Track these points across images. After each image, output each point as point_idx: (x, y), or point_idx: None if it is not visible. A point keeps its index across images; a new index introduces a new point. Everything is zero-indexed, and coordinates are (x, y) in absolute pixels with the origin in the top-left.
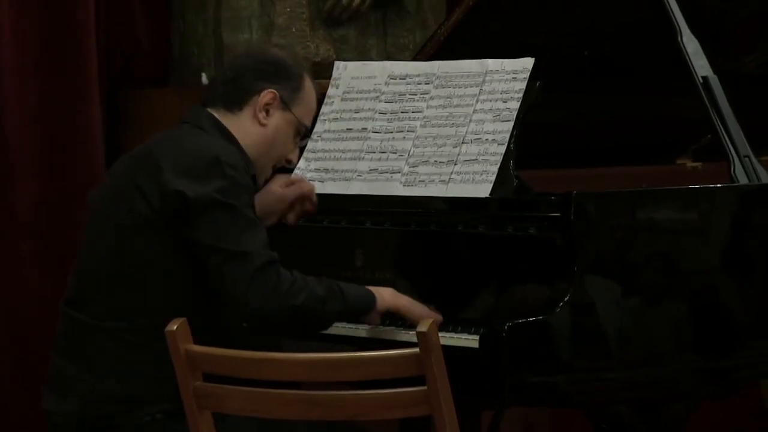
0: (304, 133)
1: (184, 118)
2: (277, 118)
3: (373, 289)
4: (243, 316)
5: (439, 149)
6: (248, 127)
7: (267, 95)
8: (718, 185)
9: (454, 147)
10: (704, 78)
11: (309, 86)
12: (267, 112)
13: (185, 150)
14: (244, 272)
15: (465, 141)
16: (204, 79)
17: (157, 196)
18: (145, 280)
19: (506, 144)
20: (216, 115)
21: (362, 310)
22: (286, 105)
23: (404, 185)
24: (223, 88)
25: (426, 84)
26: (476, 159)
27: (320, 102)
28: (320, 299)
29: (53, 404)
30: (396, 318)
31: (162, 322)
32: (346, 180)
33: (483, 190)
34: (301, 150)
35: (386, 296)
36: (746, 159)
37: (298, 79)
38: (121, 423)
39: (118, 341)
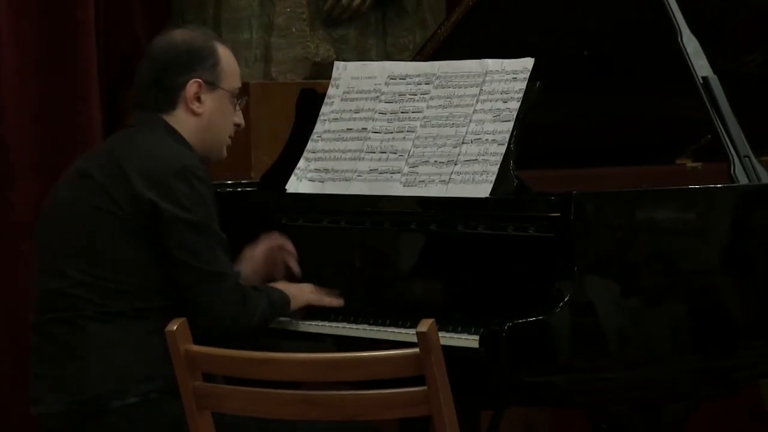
0: (240, 94)
1: (133, 121)
2: (210, 101)
3: (284, 289)
4: (213, 331)
5: (439, 149)
6: (188, 121)
7: (192, 86)
8: (718, 185)
9: (454, 147)
10: (704, 78)
11: (225, 54)
12: (198, 100)
13: (148, 156)
14: (218, 292)
15: (465, 141)
16: None
17: (126, 201)
18: (119, 264)
19: (506, 144)
20: (161, 117)
21: (285, 310)
22: (212, 85)
23: (404, 185)
24: (150, 91)
25: (426, 84)
26: (476, 159)
27: (320, 102)
28: (263, 315)
29: (42, 406)
30: (396, 318)
31: (144, 302)
32: (346, 180)
33: (483, 190)
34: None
35: (295, 293)
36: (746, 159)
37: (213, 54)
38: (113, 405)
39: (101, 326)
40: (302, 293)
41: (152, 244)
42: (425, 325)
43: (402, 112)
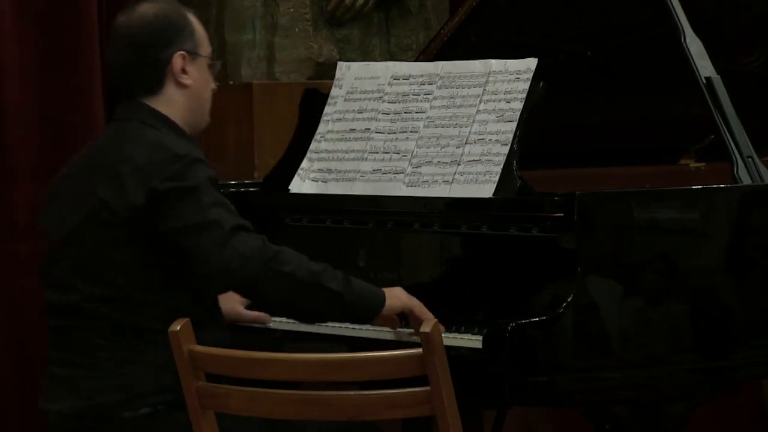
0: (213, 58)
1: (118, 115)
2: (194, 71)
3: (385, 289)
4: (226, 282)
5: (443, 150)
6: (177, 97)
7: (177, 60)
8: (721, 185)
9: (457, 147)
10: (707, 78)
11: (195, 20)
12: (185, 72)
13: (141, 153)
14: (214, 237)
15: (468, 141)
16: None
17: (123, 205)
18: (126, 276)
19: (509, 144)
20: (146, 102)
21: (369, 301)
22: (195, 54)
23: (407, 186)
24: (133, 73)
25: (429, 84)
26: (479, 159)
27: (324, 102)
28: (314, 273)
29: (51, 404)
30: (399, 318)
31: (156, 313)
32: (350, 180)
33: (486, 191)
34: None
35: (399, 294)
36: (749, 159)
37: (187, 24)
38: (122, 416)
39: (115, 338)
40: (403, 294)
41: (153, 246)
42: (428, 325)
43: (405, 113)
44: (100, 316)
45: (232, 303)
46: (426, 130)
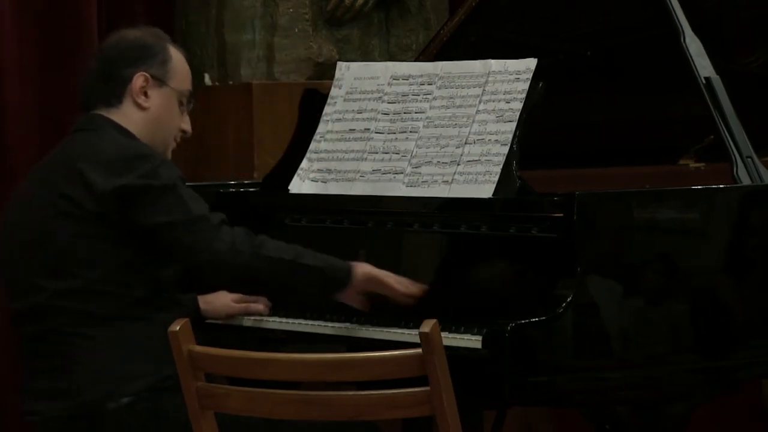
0: (189, 98)
1: (77, 126)
2: (156, 97)
3: (353, 263)
4: (219, 272)
5: (442, 150)
6: (133, 115)
7: (138, 79)
8: (721, 186)
9: (456, 148)
10: (707, 78)
11: (176, 55)
12: (145, 94)
13: (104, 152)
14: (204, 230)
15: (468, 142)
16: (207, 79)
17: (90, 200)
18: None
19: (509, 144)
20: (104, 114)
21: (341, 272)
22: (160, 81)
23: (407, 186)
24: (96, 87)
25: (429, 84)
26: (479, 160)
27: (323, 103)
28: (297, 253)
29: (38, 417)
30: (398, 318)
31: (123, 300)
32: (349, 181)
33: (486, 191)
34: None
35: (364, 266)
36: (749, 159)
37: (163, 52)
38: (106, 408)
39: (85, 331)
40: (372, 270)
41: (123, 238)
42: (428, 325)
43: (405, 113)
44: (69, 310)
45: (221, 300)
46: (425, 130)
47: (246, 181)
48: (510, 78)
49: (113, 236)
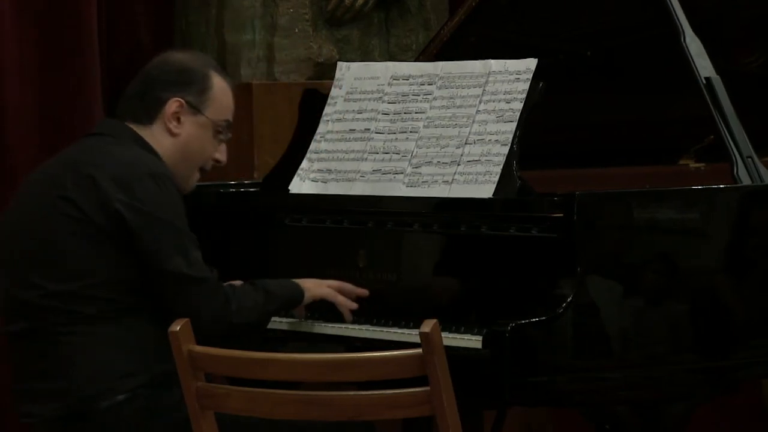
0: (226, 128)
1: (98, 129)
2: (189, 125)
3: (297, 281)
4: (196, 332)
5: (442, 150)
6: (162, 139)
7: (173, 104)
8: (721, 186)
9: (457, 148)
10: (707, 78)
11: (219, 83)
12: (178, 120)
13: (119, 163)
14: (199, 297)
15: (468, 142)
16: None
17: (96, 210)
18: (86, 269)
19: (509, 145)
20: (132, 127)
21: (295, 303)
22: (195, 109)
23: (407, 186)
24: (131, 101)
25: (429, 85)
26: (479, 160)
27: (323, 103)
28: (262, 308)
29: (34, 419)
30: (399, 319)
31: (116, 303)
32: (349, 181)
33: (486, 191)
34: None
35: (310, 286)
36: (749, 160)
37: (204, 80)
38: (101, 406)
39: (76, 330)
40: (319, 286)
41: (121, 248)
42: (428, 325)
43: (405, 113)
44: (61, 310)
45: None
46: (426, 130)
47: (246, 181)
48: (510, 78)
49: (110, 242)
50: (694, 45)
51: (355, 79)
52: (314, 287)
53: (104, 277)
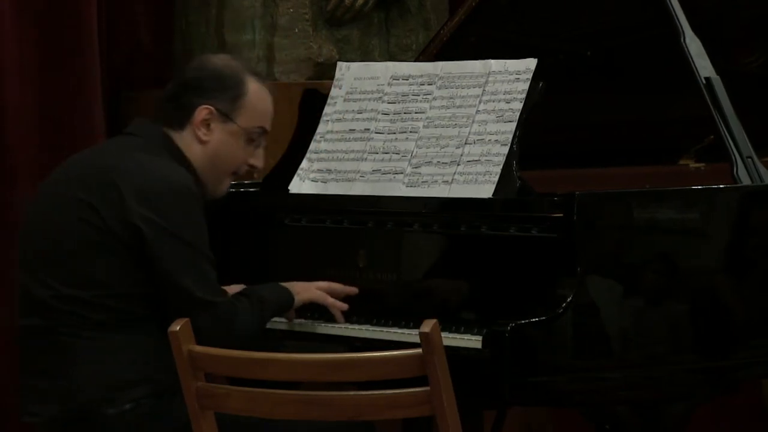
0: (260, 134)
1: (131, 129)
2: (218, 132)
3: (287, 285)
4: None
5: (442, 150)
6: (192, 145)
7: (202, 112)
8: (721, 186)
9: (456, 148)
10: (707, 79)
11: (254, 90)
12: (207, 127)
13: (146, 175)
14: (206, 320)
15: (468, 142)
16: None
17: (115, 219)
18: (101, 277)
19: (509, 145)
20: (165, 131)
21: (286, 308)
22: (226, 117)
23: (407, 186)
24: (166, 105)
25: (429, 85)
26: (479, 160)
27: (323, 103)
28: (260, 320)
29: (34, 416)
30: (398, 319)
31: (126, 313)
32: (349, 181)
33: (486, 191)
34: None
35: (299, 290)
36: (749, 160)
37: (238, 87)
38: (107, 413)
39: (85, 336)
40: (308, 290)
41: (137, 261)
42: (428, 325)
43: (405, 113)
44: (68, 313)
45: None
46: (425, 130)
47: (246, 181)
48: (510, 78)
49: (126, 253)
50: (694, 45)
51: (355, 79)
52: (303, 291)
53: (117, 288)
